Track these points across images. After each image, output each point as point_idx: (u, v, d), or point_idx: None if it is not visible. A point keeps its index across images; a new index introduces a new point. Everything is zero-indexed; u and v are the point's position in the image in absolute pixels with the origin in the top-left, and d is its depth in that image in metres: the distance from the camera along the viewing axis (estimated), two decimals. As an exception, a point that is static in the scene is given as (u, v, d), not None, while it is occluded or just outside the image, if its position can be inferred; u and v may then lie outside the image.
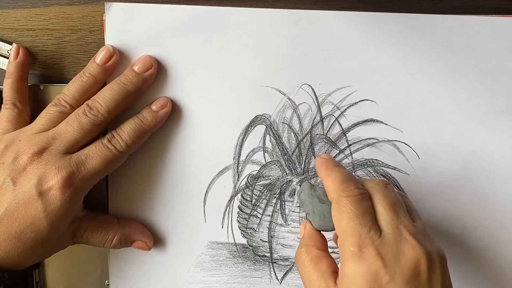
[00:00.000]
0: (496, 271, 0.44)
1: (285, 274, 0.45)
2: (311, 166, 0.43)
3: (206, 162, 0.43)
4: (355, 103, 0.43)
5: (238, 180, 0.44)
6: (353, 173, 0.43)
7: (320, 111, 0.43)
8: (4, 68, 0.43)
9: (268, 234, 0.44)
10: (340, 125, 0.43)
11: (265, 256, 0.45)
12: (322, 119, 0.43)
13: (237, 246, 0.45)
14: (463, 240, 0.43)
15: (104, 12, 0.42)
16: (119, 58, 0.42)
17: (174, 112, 0.43)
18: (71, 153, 0.38)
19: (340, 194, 0.34)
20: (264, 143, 0.43)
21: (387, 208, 0.34)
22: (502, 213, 0.43)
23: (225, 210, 0.44)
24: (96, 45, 0.44)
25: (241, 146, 0.43)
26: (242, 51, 0.42)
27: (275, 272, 0.45)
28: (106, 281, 0.46)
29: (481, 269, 0.44)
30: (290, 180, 0.44)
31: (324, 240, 0.37)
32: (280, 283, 0.45)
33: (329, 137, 0.43)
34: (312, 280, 0.34)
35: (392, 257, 0.32)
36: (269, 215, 0.44)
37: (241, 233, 0.44)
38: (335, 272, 0.34)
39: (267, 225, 0.44)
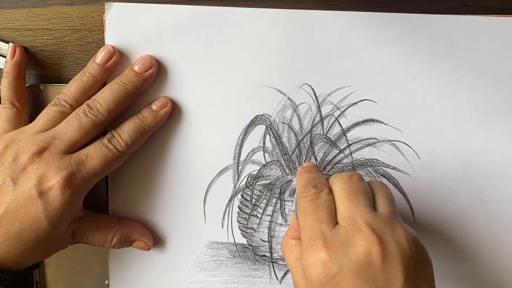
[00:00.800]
0: (495, 271, 0.44)
1: (285, 274, 0.45)
2: (311, 166, 0.44)
3: (206, 162, 0.43)
4: (355, 103, 0.43)
5: (238, 180, 0.44)
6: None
7: (320, 111, 0.43)
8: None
9: (268, 234, 0.44)
10: (340, 125, 0.43)
11: (265, 256, 0.45)
12: (322, 119, 0.43)
13: (237, 246, 0.45)
14: (463, 240, 0.43)
15: (104, 12, 0.42)
16: (119, 58, 0.42)
17: (174, 112, 0.43)
18: (71, 153, 0.38)
19: (300, 196, 0.36)
20: (264, 143, 0.43)
21: (344, 200, 0.34)
22: (502, 213, 0.43)
23: (225, 210, 0.44)
24: (96, 45, 0.44)
25: (241, 146, 0.43)
26: (242, 51, 0.42)
27: (275, 272, 0.45)
28: (106, 281, 0.46)
29: (480, 269, 0.44)
30: (290, 180, 0.44)
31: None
32: (280, 283, 0.45)
33: (329, 137, 0.43)
34: (290, 265, 0.36)
35: (339, 248, 0.32)
36: (269, 215, 0.44)
37: (241, 233, 0.44)
38: None
39: (267, 225, 0.44)
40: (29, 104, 0.44)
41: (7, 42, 0.44)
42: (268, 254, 0.45)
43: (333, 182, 0.36)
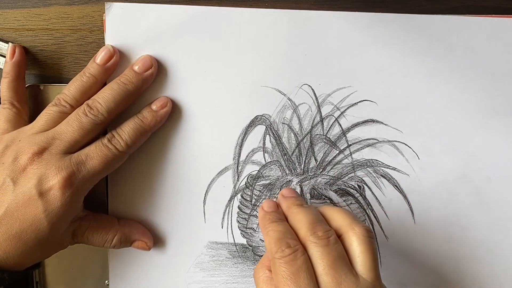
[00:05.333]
0: (495, 271, 0.44)
1: (285, 274, 0.45)
2: (310, 166, 0.44)
3: (206, 162, 0.43)
4: (355, 103, 0.43)
5: (238, 180, 0.44)
6: (353, 174, 0.44)
7: (320, 112, 0.43)
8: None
9: (268, 234, 0.44)
10: (340, 125, 0.43)
11: (265, 256, 0.45)
12: (322, 120, 0.43)
13: (237, 246, 0.45)
14: (463, 240, 0.43)
15: (104, 12, 0.42)
16: (119, 58, 0.42)
17: (174, 112, 0.43)
18: (71, 153, 0.38)
19: (274, 256, 0.33)
20: (264, 143, 0.43)
21: (325, 266, 0.32)
22: (502, 214, 0.43)
23: (225, 210, 0.44)
24: (96, 45, 0.44)
25: (241, 146, 0.43)
26: (242, 51, 0.42)
27: (275, 272, 0.45)
28: (106, 281, 0.46)
29: (480, 270, 0.44)
30: (289, 180, 0.44)
31: None
32: (280, 283, 0.45)
33: (329, 138, 0.43)
34: None
35: None
36: (269, 215, 0.44)
37: (241, 233, 0.45)
38: None
39: (267, 225, 0.44)
40: (29, 104, 0.44)
41: (7, 42, 0.44)
42: (268, 254, 0.45)
43: (308, 242, 0.34)
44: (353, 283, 0.32)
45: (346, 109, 0.43)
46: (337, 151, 0.43)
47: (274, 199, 0.44)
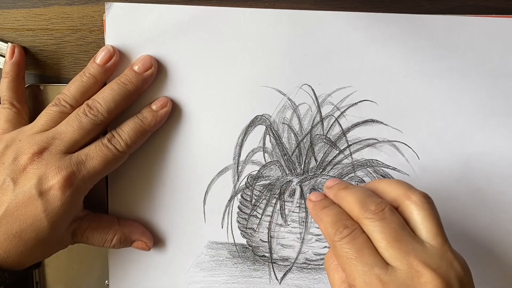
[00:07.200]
0: (496, 271, 0.44)
1: (284, 274, 0.45)
2: (310, 166, 0.44)
3: (206, 162, 0.43)
4: (355, 103, 0.43)
5: (238, 180, 0.44)
6: (353, 174, 0.44)
7: (320, 112, 0.43)
8: (4, 68, 0.43)
9: (268, 234, 0.44)
10: (340, 125, 0.43)
11: (264, 256, 0.45)
12: (322, 120, 0.43)
13: (237, 246, 0.45)
14: (463, 241, 0.43)
15: (104, 12, 0.42)
16: (119, 58, 0.42)
17: (174, 112, 0.43)
18: (71, 153, 0.39)
19: (333, 240, 0.33)
20: (264, 143, 0.43)
21: (389, 241, 0.31)
22: (502, 214, 0.43)
23: (225, 210, 0.44)
24: (96, 45, 0.44)
25: (241, 146, 0.43)
26: (242, 51, 0.42)
27: (274, 272, 0.45)
28: (106, 281, 0.46)
29: (480, 270, 0.44)
30: (290, 181, 0.44)
31: None
32: (280, 283, 0.45)
33: (329, 138, 0.43)
34: (335, 285, 0.34)
35: None
36: (268, 215, 0.44)
37: (241, 233, 0.45)
38: None
39: (267, 225, 0.44)
40: (29, 104, 0.44)
41: (7, 42, 0.44)
42: (267, 255, 0.45)
43: (363, 220, 0.33)
44: (422, 251, 0.31)
45: (346, 109, 0.43)
46: (337, 151, 0.43)
47: (274, 199, 0.44)
